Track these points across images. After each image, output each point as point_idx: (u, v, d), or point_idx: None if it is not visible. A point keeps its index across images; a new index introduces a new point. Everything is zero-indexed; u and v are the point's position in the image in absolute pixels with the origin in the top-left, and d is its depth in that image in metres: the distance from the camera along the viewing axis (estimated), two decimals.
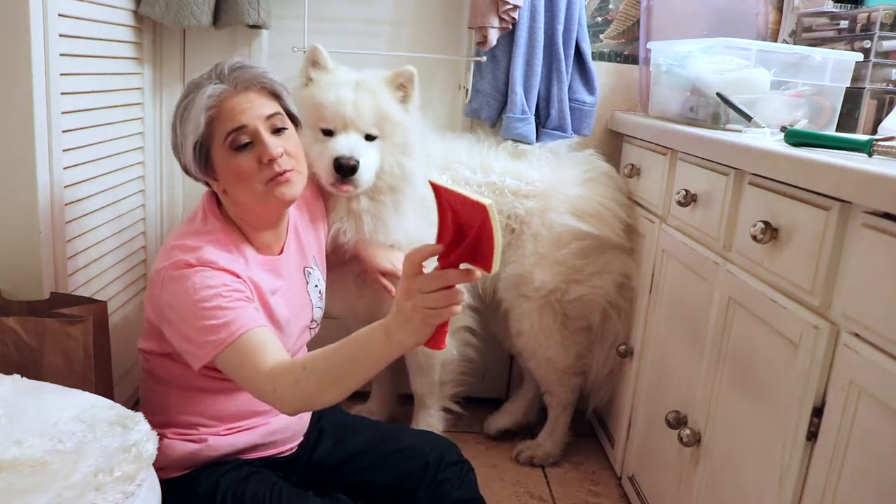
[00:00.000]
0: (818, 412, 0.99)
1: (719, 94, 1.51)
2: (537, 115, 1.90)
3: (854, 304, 0.94)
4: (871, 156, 1.09)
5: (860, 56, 1.55)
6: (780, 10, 1.97)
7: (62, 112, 1.39)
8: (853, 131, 1.58)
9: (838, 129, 1.57)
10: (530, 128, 1.88)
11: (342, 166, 1.43)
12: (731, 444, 1.24)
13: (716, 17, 1.95)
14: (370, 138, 1.51)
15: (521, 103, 1.86)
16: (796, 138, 1.21)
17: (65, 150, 1.42)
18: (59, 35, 1.36)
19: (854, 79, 1.55)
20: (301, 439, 1.35)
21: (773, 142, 1.28)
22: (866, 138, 1.12)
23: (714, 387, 1.30)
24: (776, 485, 1.07)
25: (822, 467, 0.97)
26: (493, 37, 1.80)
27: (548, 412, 1.95)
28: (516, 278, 1.78)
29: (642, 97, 1.97)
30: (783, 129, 1.27)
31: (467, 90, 1.93)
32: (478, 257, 0.83)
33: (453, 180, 1.72)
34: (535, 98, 1.88)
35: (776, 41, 1.95)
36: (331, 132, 1.49)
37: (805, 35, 1.79)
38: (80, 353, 1.26)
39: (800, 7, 1.88)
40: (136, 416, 1.06)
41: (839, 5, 1.80)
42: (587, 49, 1.90)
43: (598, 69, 1.95)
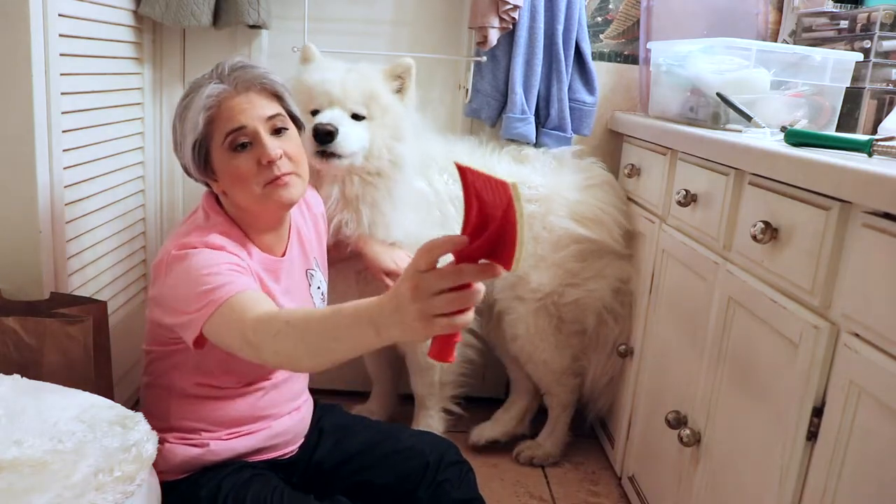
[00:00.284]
0: (818, 412, 0.99)
1: (719, 94, 1.50)
2: (537, 114, 1.90)
3: (854, 304, 0.94)
4: (871, 156, 1.09)
5: (860, 56, 1.55)
6: (780, 10, 1.97)
7: (62, 112, 1.39)
8: (853, 131, 1.58)
9: (838, 129, 1.57)
10: (530, 128, 1.88)
11: (318, 131, 1.44)
12: (731, 444, 1.24)
13: (716, 17, 1.95)
14: (358, 118, 1.52)
15: (521, 103, 1.86)
16: (796, 138, 1.21)
17: (65, 150, 1.42)
18: (59, 35, 1.36)
19: (854, 79, 1.55)
20: (302, 441, 1.35)
21: (773, 142, 1.28)
22: (866, 138, 1.12)
23: (714, 387, 1.30)
24: (776, 485, 1.07)
25: (822, 467, 0.97)
26: (494, 37, 1.80)
27: (548, 412, 1.95)
28: (513, 279, 1.77)
29: (642, 97, 1.97)
30: (783, 129, 1.27)
31: (467, 90, 1.93)
32: (499, 251, 0.71)
33: (454, 181, 1.72)
34: (535, 98, 1.88)
35: (776, 41, 1.95)
36: (318, 112, 1.51)
37: (805, 35, 1.79)
38: (80, 353, 1.26)
39: (800, 7, 1.88)
40: (136, 416, 1.06)
41: (839, 5, 1.80)
42: (587, 49, 1.90)
43: (598, 69, 1.95)
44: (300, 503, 1.18)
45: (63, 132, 1.41)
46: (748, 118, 1.46)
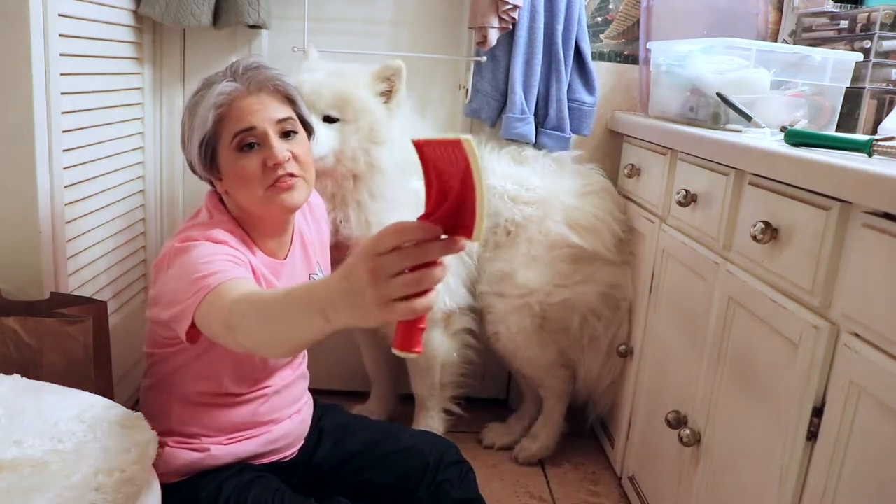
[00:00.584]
0: (818, 412, 0.99)
1: (719, 94, 1.50)
2: (536, 114, 1.90)
3: (854, 304, 0.94)
4: (871, 156, 1.09)
5: (860, 56, 1.55)
6: (780, 10, 1.97)
7: (62, 112, 1.39)
8: (853, 131, 1.58)
9: (838, 129, 1.57)
10: (529, 127, 1.88)
11: None
12: (731, 444, 1.24)
13: (716, 17, 1.95)
14: (331, 120, 1.52)
15: (521, 103, 1.86)
16: (796, 138, 1.21)
17: (65, 150, 1.42)
18: (59, 35, 1.36)
19: (854, 79, 1.55)
20: (302, 443, 1.34)
21: (773, 142, 1.28)
22: (866, 138, 1.12)
23: (714, 387, 1.30)
24: (776, 485, 1.07)
25: (822, 467, 0.97)
26: (493, 37, 1.80)
27: (543, 403, 1.94)
28: (500, 274, 1.77)
29: (642, 97, 1.97)
30: (783, 129, 1.27)
31: (467, 90, 1.93)
32: (460, 221, 0.64)
33: None
34: (535, 98, 1.88)
35: (776, 41, 1.95)
36: None
37: (805, 35, 1.79)
38: (80, 353, 1.26)
39: (800, 7, 1.88)
40: (137, 417, 1.06)
41: (839, 5, 1.80)
42: (587, 49, 1.90)
43: (598, 69, 1.95)
44: None
45: (63, 132, 1.41)
46: (748, 118, 1.46)
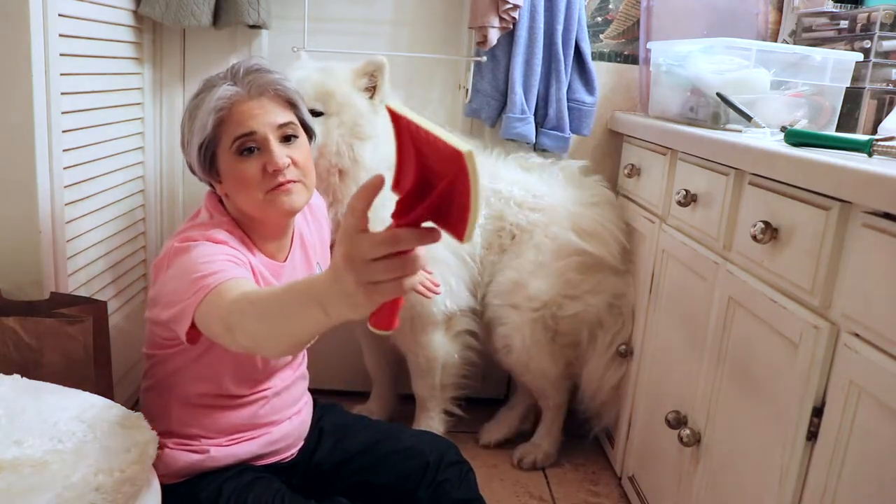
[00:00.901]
0: (818, 412, 0.99)
1: (719, 94, 1.50)
2: (536, 114, 1.90)
3: (854, 304, 0.94)
4: (871, 156, 1.09)
5: (860, 56, 1.54)
6: (780, 10, 1.97)
7: (62, 112, 1.39)
8: (853, 131, 1.58)
9: (838, 129, 1.57)
10: (529, 127, 1.88)
11: None
12: (731, 444, 1.24)
13: (716, 17, 1.95)
14: (315, 114, 1.53)
15: (521, 103, 1.86)
16: (796, 138, 1.21)
17: (65, 150, 1.42)
18: (59, 35, 1.36)
19: (854, 79, 1.55)
20: (302, 444, 1.34)
21: (773, 142, 1.28)
22: (866, 138, 1.12)
23: (714, 387, 1.30)
24: (776, 485, 1.07)
25: (822, 467, 0.97)
26: (493, 37, 1.80)
27: (542, 413, 1.94)
28: (510, 285, 1.76)
29: (642, 97, 1.97)
30: (783, 129, 1.27)
31: (467, 90, 1.93)
32: (447, 218, 0.60)
33: None
34: (535, 98, 1.88)
35: (776, 41, 1.95)
36: None
37: (805, 35, 1.79)
38: (80, 353, 1.26)
39: (800, 7, 1.88)
40: (137, 417, 1.06)
41: (839, 5, 1.80)
42: (587, 49, 1.90)
43: (598, 69, 1.95)
44: None
45: (63, 132, 1.41)
46: (748, 118, 1.46)
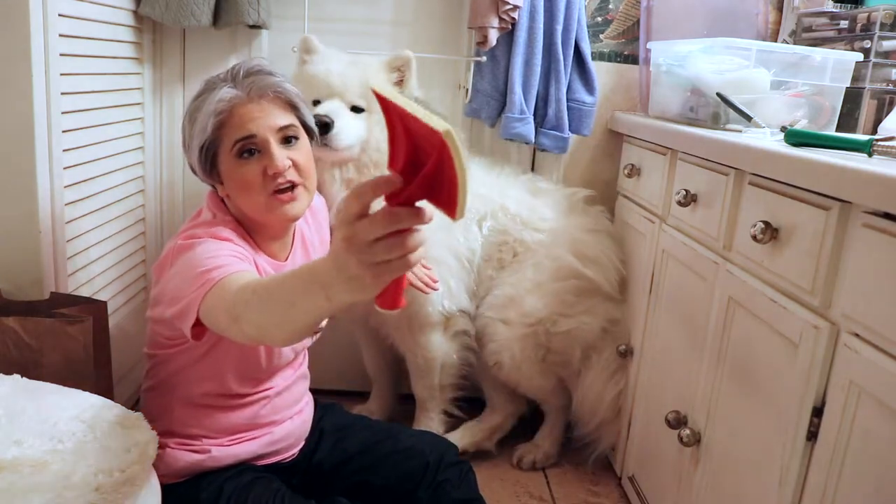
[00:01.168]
0: (818, 412, 0.99)
1: (719, 94, 1.50)
2: (535, 114, 1.90)
3: (854, 304, 0.94)
4: (871, 156, 1.09)
5: (860, 56, 1.54)
6: (780, 10, 1.97)
7: (62, 112, 1.39)
8: (853, 131, 1.58)
9: (838, 129, 1.57)
10: (529, 128, 1.88)
11: (316, 123, 1.46)
12: (731, 444, 1.24)
13: (716, 17, 1.95)
14: (358, 110, 1.55)
15: (520, 103, 1.86)
16: (796, 138, 1.21)
17: (65, 150, 1.42)
18: (59, 35, 1.36)
19: (854, 79, 1.55)
20: (303, 444, 1.34)
21: (773, 142, 1.28)
22: (866, 138, 1.12)
23: (714, 387, 1.30)
24: (776, 485, 1.07)
25: (822, 467, 0.97)
26: (493, 37, 1.80)
27: (545, 416, 1.94)
28: (505, 300, 1.77)
29: (642, 97, 1.97)
30: (783, 129, 1.27)
31: (467, 90, 1.93)
32: (439, 196, 0.62)
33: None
34: (535, 98, 1.88)
35: (776, 41, 1.95)
36: (319, 102, 1.55)
37: (805, 35, 1.79)
38: (80, 353, 1.26)
39: (800, 7, 1.88)
40: (137, 417, 1.06)
41: (839, 5, 1.80)
42: (587, 49, 1.90)
43: (598, 69, 1.95)
44: None
45: (63, 132, 1.41)
46: (748, 118, 1.46)
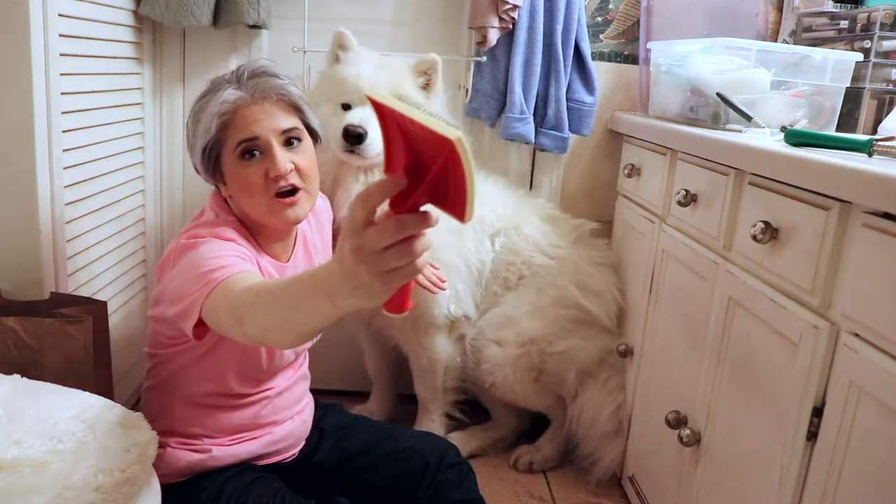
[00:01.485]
0: (818, 412, 0.99)
1: (719, 94, 1.50)
2: (535, 114, 1.90)
3: (854, 304, 0.94)
4: (871, 156, 1.09)
5: (860, 56, 1.54)
6: (780, 10, 1.97)
7: (62, 112, 1.39)
8: (853, 131, 1.58)
9: (838, 129, 1.57)
10: (528, 128, 1.88)
11: (349, 133, 1.50)
12: (731, 444, 1.24)
13: (716, 17, 1.95)
14: None
15: (520, 103, 1.86)
16: (796, 138, 1.21)
17: (65, 150, 1.42)
18: (59, 35, 1.36)
19: (854, 79, 1.55)
20: (303, 444, 1.34)
21: (773, 142, 1.28)
22: (866, 138, 1.12)
23: (714, 387, 1.30)
24: (776, 485, 1.07)
25: (822, 467, 0.97)
26: (493, 37, 1.80)
27: (551, 421, 1.93)
28: (503, 318, 1.77)
29: (642, 97, 1.97)
30: (783, 129, 1.27)
31: (467, 90, 1.93)
32: (445, 200, 0.60)
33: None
34: (535, 98, 1.88)
35: (776, 41, 1.95)
36: (349, 106, 1.56)
37: (805, 35, 1.78)
38: (80, 353, 1.26)
39: (800, 7, 1.88)
40: (137, 417, 1.06)
41: (839, 5, 1.80)
42: (587, 49, 1.90)
43: (598, 69, 1.95)
44: None
45: (63, 132, 1.41)
46: (748, 118, 1.46)
